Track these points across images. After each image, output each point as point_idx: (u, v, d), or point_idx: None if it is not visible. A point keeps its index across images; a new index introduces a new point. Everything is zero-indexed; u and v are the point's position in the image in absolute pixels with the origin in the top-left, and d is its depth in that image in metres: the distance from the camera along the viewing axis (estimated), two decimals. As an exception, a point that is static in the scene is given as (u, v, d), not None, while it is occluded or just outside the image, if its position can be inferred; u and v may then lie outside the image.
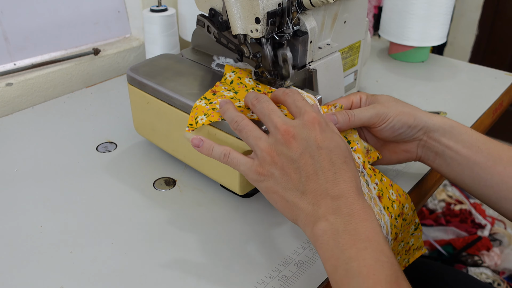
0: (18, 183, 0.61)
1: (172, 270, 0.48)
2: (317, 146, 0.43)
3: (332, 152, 0.44)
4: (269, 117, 0.46)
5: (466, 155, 0.51)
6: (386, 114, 0.52)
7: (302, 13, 0.57)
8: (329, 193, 0.42)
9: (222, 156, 0.48)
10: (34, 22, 0.85)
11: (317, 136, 0.44)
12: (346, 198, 0.42)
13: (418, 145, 0.55)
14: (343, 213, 0.41)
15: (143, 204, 0.57)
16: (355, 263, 0.38)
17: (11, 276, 0.47)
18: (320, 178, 0.43)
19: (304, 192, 0.43)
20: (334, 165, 0.43)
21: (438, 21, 0.94)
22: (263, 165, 0.45)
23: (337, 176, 0.43)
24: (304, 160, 0.43)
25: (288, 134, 0.44)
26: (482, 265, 1.22)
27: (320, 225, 0.41)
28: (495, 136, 2.25)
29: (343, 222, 0.40)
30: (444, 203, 1.44)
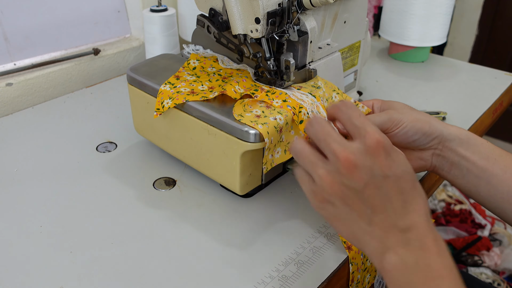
0: (18, 183, 0.61)
1: (172, 270, 0.48)
2: (383, 175, 0.39)
3: (400, 179, 0.40)
4: (326, 142, 0.41)
5: (483, 166, 0.49)
6: (400, 120, 0.50)
7: (302, 13, 0.57)
8: (398, 225, 0.39)
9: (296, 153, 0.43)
10: (34, 22, 0.85)
11: (382, 163, 0.39)
12: (417, 229, 0.39)
13: (433, 154, 0.52)
14: (415, 247, 0.38)
15: (143, 204, 0.57)
16: None
17: (11, 276, 0.47)
18: (388, 210, 0.39)
19: (370, 224, 0.40)
20: (403, 194, 0.39)
21: (438, 21, 0.94)
22: (322, 193, 0.41)
23: (406, 205, 0.39)
24: (369, 191, 0.39)
25: (350, 163, 0.39)
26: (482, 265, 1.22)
27: (389, 259, 0.38)
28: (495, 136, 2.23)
29: (415, 257, 0.37)
30: (444, 203, 1.44)
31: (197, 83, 0.58)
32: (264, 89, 0.57)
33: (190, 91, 0.57)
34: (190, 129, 0.57)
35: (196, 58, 0.63)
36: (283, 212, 0.57)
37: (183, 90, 0.57)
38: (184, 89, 0.57)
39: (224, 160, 0.54)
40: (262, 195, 0.59)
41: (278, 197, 0.59)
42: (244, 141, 0.51)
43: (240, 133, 0.51)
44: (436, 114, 0.77)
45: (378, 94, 0.85)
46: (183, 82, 0.58)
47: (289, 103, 0.54)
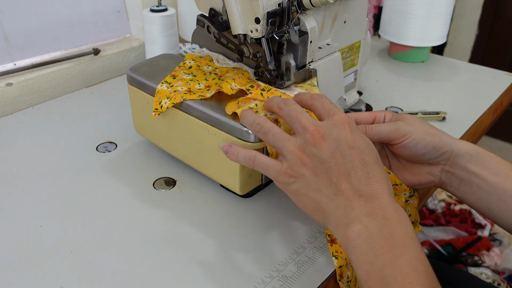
0: (18, 183, 0.61)
1: (172, 270, 0.48)
2: (348, 146, 0.42)
3: (363, 152, 0.42)
4: (297, 118, 0.45)
5: (493, 182, 0.48)
6: (408, 131, 0.50)
7: (302, 13, 0.57)
8: (362, 194, 0.41)
9: (248, 159, 0.47)
10: (34, 22, 0.85)
11: (347, 136, 0.43)
12: (380, 199, 0.40)
13: (442, 170, 0.51)
14: (378, 216, 0.39)
15: (143, 204, 0.57)
16: (390, 270, 0.36)
17: (11, 276, 0.47)
18: (352, 178, 0.41)
19: (336, 193, 0.42)
20: (366, 165, 0.42)
21: (438, 21, 0.94)
22: (293, 167, 0.44)
23: (370, 176, 0.41)
24: (335, 160, 0.42)
25: (318, 134, 0.43)
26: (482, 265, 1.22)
27: (353, 228, 0.39)
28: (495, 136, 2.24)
29: (378, 226, 0.39)
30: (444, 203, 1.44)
31: (194, 82, 0.58)
32: (260, 85, 0.57)
33: (187, 90, 0.57)
34: (190, 129, 0.57)
35: (191, 58, 0.63)
36: (283, 212, 0.57)
37: (180, 89, 0.57)
38: (181, 88, 0.57)
39: (224, 160, 0.54)
40: (262, 195, 0.59)
41: (278, 197, 0.59)
42: (244, 141, 0.51)
43: (240, 133, 0.51)
44: (436, 114, 0.77)
45: (378, 94, 0.86)
46: (179, 81, 0.59)
47: None
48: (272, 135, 0.46)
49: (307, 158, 0.43)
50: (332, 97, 0.66)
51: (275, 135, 0.45)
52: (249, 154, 0.47)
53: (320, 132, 0.43)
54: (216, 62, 0.63)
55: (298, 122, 0.45)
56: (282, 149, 0.45)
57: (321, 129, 0.43)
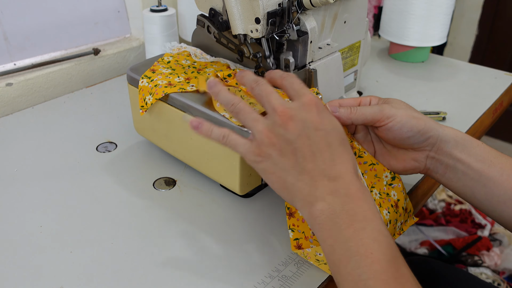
0: (18, 183, 0.61)
1: (172, 270, 0.48)
2: (314, 128, 0.43)
3: (329, 134, 0.44)
4: (267, 98, 0.46)
5: (479, 169, 0.48)
6: (393, 114, 0.50)
7: (302, 13, 0.57)
8: (326, 174, 0.42)
9: (221, 137, 0.48)
10: (34, 22, 0.85)
11: (314, 118, 0.44)
12: (343, 179, 0.42)
13: (427, 156, 0.51)
14: (341, 194, 0.41)
15: (143, 204, 0.57)
16: (353, 242, 0.39)
17: (11, 276, 0.47)
18: (317, 159, 0.43)
19: (302, 173, 0.43)
20: (331, 147, 0.43)
21: (438, 21, 0.94)
22: (261, 147, 0.45)
23: (334, 157, 0.43)
24: (301, 141, 0.43)
25: (286, 116, 0.44)
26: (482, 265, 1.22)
27: (317, 206, 0.41)
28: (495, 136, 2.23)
29: (341, 203, 0.41)
30: (444, 203, 1.44)
31: (173, 75, 0.60)
32: None
33: (168, 83, 0.58)
34: (190, 129, 0.56)
35: (170, 55, 0.64)
36: (283, 212, 0.57)
37: (160, 82, 0.58)
38: (161, 82, 0.58)
39: (224, 160, 0.54)
40: (262, 195, 0.59)
41: (278, 197, 0.59)
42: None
43: (240, 133, 0.51)
44: (436, 114, 0.77)
45: (378, 94, 0.85)
46: (159, 75, 0.60)
47: None
48: (243, 114, 0.47)
49: (275, 139, 0.44)
50: (332, 97, 0.66)
51: (246, 114, 0.47)
52: (222, 132, 0.48)
53: (288, 114, 0.44)
54: (194, 57, 0.64)
55: (268, 103, 0.46)
56: (252, 128, 0.46)
57: (289, 111, 0.44)
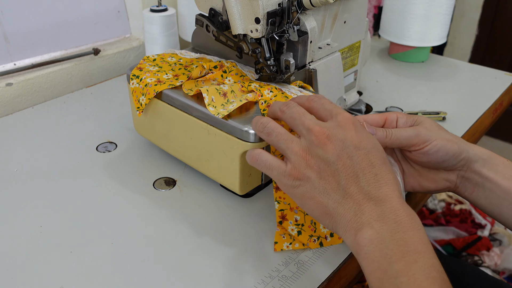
0: (18, 183, 0.61)
1: (172, 270, 0.48)
2: (354, 147, 0.41)
3: (370, 152, 0.41)
4: (300, 120, 0.43)
5: (506, 187, 0.48)
6: (429, 137, 0.48)
7: (302, 13, 0.57)
8: (372, 197, 0.39)
9: (251, 157, 0.46)
10: (34, 22, 0.85)
11: (353, 137, 0.41)
12: (390, 203, 0.39)
13: (457, 176, 0.50)
14: (390, 220, 0.38)
15: (143, 204, 0.57)
16: (404, 278, 0.35)
17: (11, 276, 0.47)
18: (361, 181, 0.40)
19: (344, 196, 0.40)
20: (374, 167, 0.40)
21: (438, 21, 0.94)
22: (298, 169, 0.42)
23: (378, 178, 0.40)
24: (342, 162, 0.40)
25: (323, 135, 0.41)
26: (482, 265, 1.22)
27: (364, 233, 0.38)
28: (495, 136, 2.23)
29: (390, 231, 0.37)
30: (444, 203, 1.44)
31: (161, 72, 0.60)
32: (223, 65, 0.60)
33: (157, 81, 0.58)
34: (190, 129, 0.57)
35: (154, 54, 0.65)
36: (283, 212, 0.57)
37: (149, 80, 0.58)
38: (150, 79, 0.58)
39: (224, 160, 0.54)
40: (262, 195, 0.59)
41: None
42: (244, 141, 0.51)
43: (240, 133, 0.51)
44: (436, 114, 0.77)
45: (378, 94, 0.86)
46: (147, 72, 0.60)
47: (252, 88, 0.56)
48: (276, 135, 0.44)
49: (313, 160, 0.42)
50: (332, 97, 0.66)
51: (279, 136, 0.44)
52: (253, 152, 0.46)
53: (325, 133, 0.42)
54: (179, 54, 0.65)
55: (301, 124, 0.43)
56: (286, 150, 0.43)
57: (326, 130, 0.42)
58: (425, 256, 0.36)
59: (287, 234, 0.51)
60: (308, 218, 0.51)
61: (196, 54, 0.65)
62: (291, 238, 0.51)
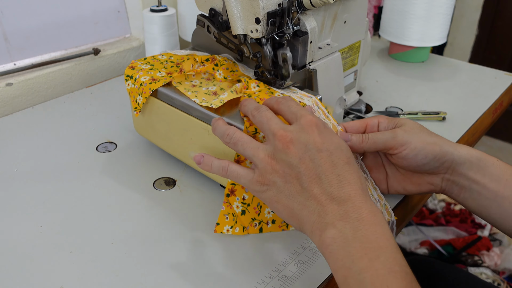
0: (18, 183, 0.61)
1: (172, 270, 0.48)
2: (317, 149, 0.42)
3: (333, 154, 0.42)
4: (268, 124, 0.45)
5: (494, 189, 0.47)
6: (406, 141, 0.48)
7: (302, 13, 0.57)
8: (334, 197, 0.40)
9: (221, 169, 0.47)
10: (34, 22, 0.85)
11: (316, 139, 0.42)
12: (353, 202, 0.40)
13: (443, 179, 0.50)
14: (352, 219, 0.39)
15: (143, 204, 0.57)
16: (368, 274, 0.36)
17: (11, 276, 0.47)
18: (323, 182, 0.41)
19: (308, 198, 0.41)
20: (336, 167, 0.41)
21: (438, 21, 0.94)
22: (264, 175, 0.43)
23: (341, 179, 0.41)
24: (304, 165, 0.42)
25: (286, 139, 0.43)
26: (482, 265, 1.22)
27: (328, 233, 0.39)
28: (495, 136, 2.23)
29: (352, 229, 0.38)
30: (444, 203, 1.44)
31: (154, 70, 0.60)
32: (215, 59, 0.61)
33: (151, 79, 0.58)
34: (190, 129, 0.57)
35: None
36: (283, 212, 0.57)
37: (143, 79, 0.58)
38: (144, 78, 0.58)
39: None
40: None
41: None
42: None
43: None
44: (436, 114, 0.77)
45: (378, 94, 0.85)
46: (140, 71, 0.60)
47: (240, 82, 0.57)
48: (242, 144, 0.46)
49: (278, 165, 0.43)
50: (332, 97, 0.66)
51: (245, 144, 0.45)
52: (222, 164, 0.47)
53: (288, 137, 0.43)
54: (170, 51, 0.66)
55: (268, 129, 0.45)
56: (252, 158, 0.45)
57: (289, 134, 0.43)
58: (387, 251, 0.37)
59: (231, 214, 0.50)
60: (256, 200, 0.51)
61: (186, 51, 0.65)
62: (234, 219, 0.50)
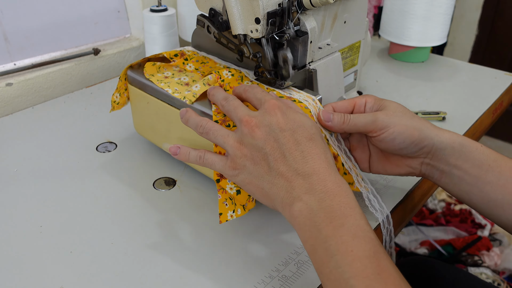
0: (18, 183, 0.61)
1: (172, 270, 0.48)
2: (280, 129, 0.44)
3: (295, 132, 0.44)
4: (235, 112, 0.48)
5: (475, 174, 0.48)
6: (386, 124, 0.49)
7: (302, 13, 0.57)
8: (299, 172, 0.42)
9: (198, 158, 0.49)
10: (34, 22, 0.85)
11: (279, 120, 0.45)
12: (317, 175, 0.42)
13: (422, 163, 0.51)
14: (317, 191, 0.41)
15: (143, 204, 0.57)
16: (333, 241, 0.38)
17: (11, 276, 0.47)
18: (288, 160, 0.43)
19: (276, 176, 0.43)
20: (300, 144, 0.43)
21: (438, 21, 0.94)
22: (235, 160, 0.46)
23: (305, 155, 0.43)
24: (269, 145, 0.44)
25: (251, 124, 0.45)
26: (482, 265, 1.22)
27: (295, 206, 0.41)
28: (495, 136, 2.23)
29: (317, 200, 0.40)
30: (444, 203, 1.44)
31: None
32: (184, 54, 0.62)
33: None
34: (190, 129, 0.57)
35: None
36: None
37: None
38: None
39: (224, 160, 0.54)
40: (262, 195, 0.59)
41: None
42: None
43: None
44: (436, 114, 0.77)
45: (378, 94, 0.85)
46: None
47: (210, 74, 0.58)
48: (213, 132, 0.48)
49: (246, 149, 0.45)
50: (332, 97, 0.66)
51: (216, 132, 0.48)
52: (199, 154, 0.49)
53: (253, 122, 0.45)
54: None
55: (236, 116, 0.47)
56: (224, 145, 0.47)
57: (254, 119, 0.45)
58: (351, 219, 0.39)
59: (228, 199, 0.50)
60: None
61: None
62: (232, 202, 0.51)
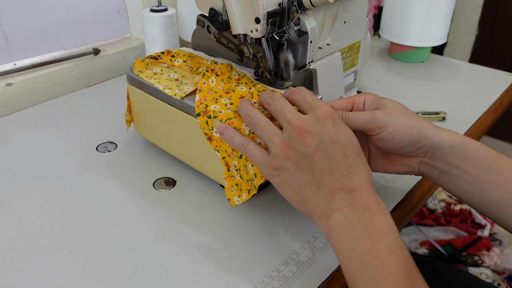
0: (18, 183, 0.61)
1: (172, 270, 0.48)
2: (331, 141, 0.44)
3: (345, 146, 0.44)
4: (282, 112, 0.46)
5: (474, 174, 0.48)
6: (385, 123, 0.49)
7: (302, 13, 0.57)
8: (344, 187, 0.42)
9: (241, 145, 0.48)
10: (34, 22, 0.85)
11: (330, 131, 0.44)
12: (360, 192, 0.42)
13: (421, 162, 0.51)
14: (358, 207, 0.41)
15: (143, 204, 0.57)
16: (370, 255, 0.38)
17: (11, 276, 0.47)
18: (335, 173, 0.43)
19: (319, 187, 0.43)
20: (348, 159, 0.43)
21: (438, 21, 0.94)
22: (277, 160, 0.45)
23: (351, 170, 0.43)
24: (318, 156, 0.43)
25: (301, 129, 0.44)
26: (482, 265, 1.22)
27: (335, 218, 0.41)
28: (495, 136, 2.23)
29: (358, 215, 0.41)
30: (444, 203, 1.44)
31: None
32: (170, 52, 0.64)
33: None
34: (190, 129, 0.57)
35: None
36: (283, 212, 0.57)
37: None
38: None
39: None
40: (262, 195, 0.59)
41: (278, 197, 0.59)
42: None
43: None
44: (436, 114, 0.77)
45: (378, 94, 0.85)
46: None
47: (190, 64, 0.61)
48: (260, 127, 0.47)
49: (291, 152, 0.45)
50: (332, 97, 0.66)
51: (262, 127, 0.47)
52: (242, 141, 0.48)
53: (303, 127, 0.44)
54: None
55: (283, 117, 0.46)
56: (268, 142, 0.46)
57: (305, 124, 0.44)
58: (389, 236, 0.40)
59: (234, 185, 0.51)
60: (241, 161, 0.51)
61: None
62: (238, 187, 0.51)
